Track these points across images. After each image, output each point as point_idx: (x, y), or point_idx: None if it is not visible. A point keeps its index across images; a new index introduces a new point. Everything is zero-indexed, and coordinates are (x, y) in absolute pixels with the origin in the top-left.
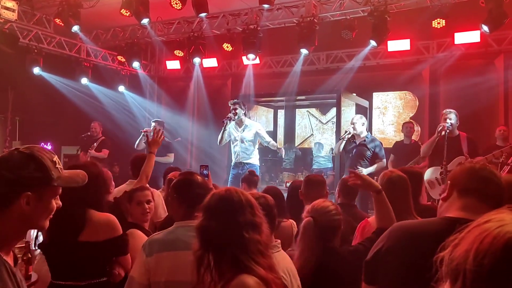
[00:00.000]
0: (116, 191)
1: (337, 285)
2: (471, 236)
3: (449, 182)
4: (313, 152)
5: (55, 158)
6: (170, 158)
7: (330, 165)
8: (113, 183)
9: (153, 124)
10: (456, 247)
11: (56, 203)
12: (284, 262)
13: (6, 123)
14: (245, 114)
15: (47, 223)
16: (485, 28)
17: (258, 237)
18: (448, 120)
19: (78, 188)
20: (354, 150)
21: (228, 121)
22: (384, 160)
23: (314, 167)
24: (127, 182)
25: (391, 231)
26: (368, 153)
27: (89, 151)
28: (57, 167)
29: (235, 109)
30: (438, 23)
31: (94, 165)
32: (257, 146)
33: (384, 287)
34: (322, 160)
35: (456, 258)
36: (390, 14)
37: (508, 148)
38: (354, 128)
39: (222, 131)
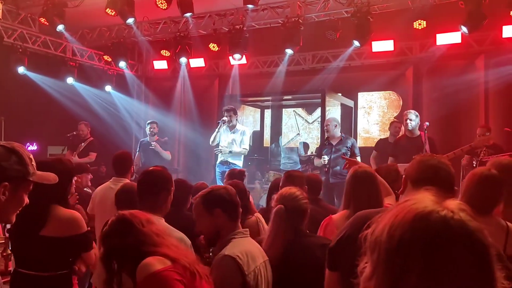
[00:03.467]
0: (99, 189)
1: (308, 266)
2: (391, 213)
3: (403, 176)
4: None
5: (31, 156)
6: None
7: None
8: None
9: (148, 126)
10: (378, 224)
11: (25, 199)
12: (246, 245)
13: None
14: (237, 119)
15: (14, 218)
16: (464, 29)
17: (154, 228)
18: (408, 121)
19: (43, 184)
20: (333, 151)
21: (222, 124)
22: (359, 157)
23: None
24: (111, 180)
25: (354, 218)
26: (346, 151)
27: (72, 157)
28: (33, 164)
29: (230, 116)
30: (419, 24)
31: (60, 162)
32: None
33: (344, 273)
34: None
35: (375, 232)
36: (374, 15)
37: (467, 147)
38: (327, 131)
39: (215, 132)
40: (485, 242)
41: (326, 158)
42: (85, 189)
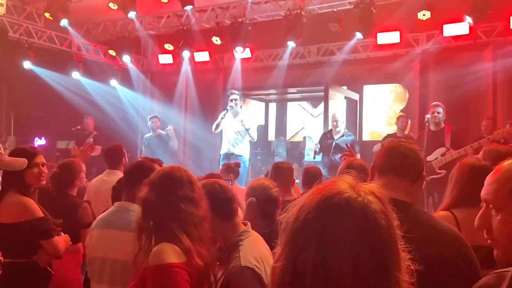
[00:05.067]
0: (94, 181)
1: None
2: (304, 196)
3: (371, 165)
4: (306, 146)
5: None
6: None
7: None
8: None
9: (150, 121)
10: (292, 207)
11: None
12: (257, 247)
13: (1, 118)
14: (241, 107)
15: None
16: (468, 19)
17: (194, 210)
18: (436, 114)
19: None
20: (333, 145)
21: (230, 109)
22: (358, 155)
23: (305, 159)
24: (104, 172)
25: None
26: (345, 147)
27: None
28: None
29: (236, 99)
30: (424, 15)
31: (22, 152)
32: (248, 139)
33: None
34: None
35: (287, 215)
36: (380, 6)
37: (476, 144)
38: (337, 126)
39: (220, 119)
40: (382, 223)
41: (318, 145)
42: None
